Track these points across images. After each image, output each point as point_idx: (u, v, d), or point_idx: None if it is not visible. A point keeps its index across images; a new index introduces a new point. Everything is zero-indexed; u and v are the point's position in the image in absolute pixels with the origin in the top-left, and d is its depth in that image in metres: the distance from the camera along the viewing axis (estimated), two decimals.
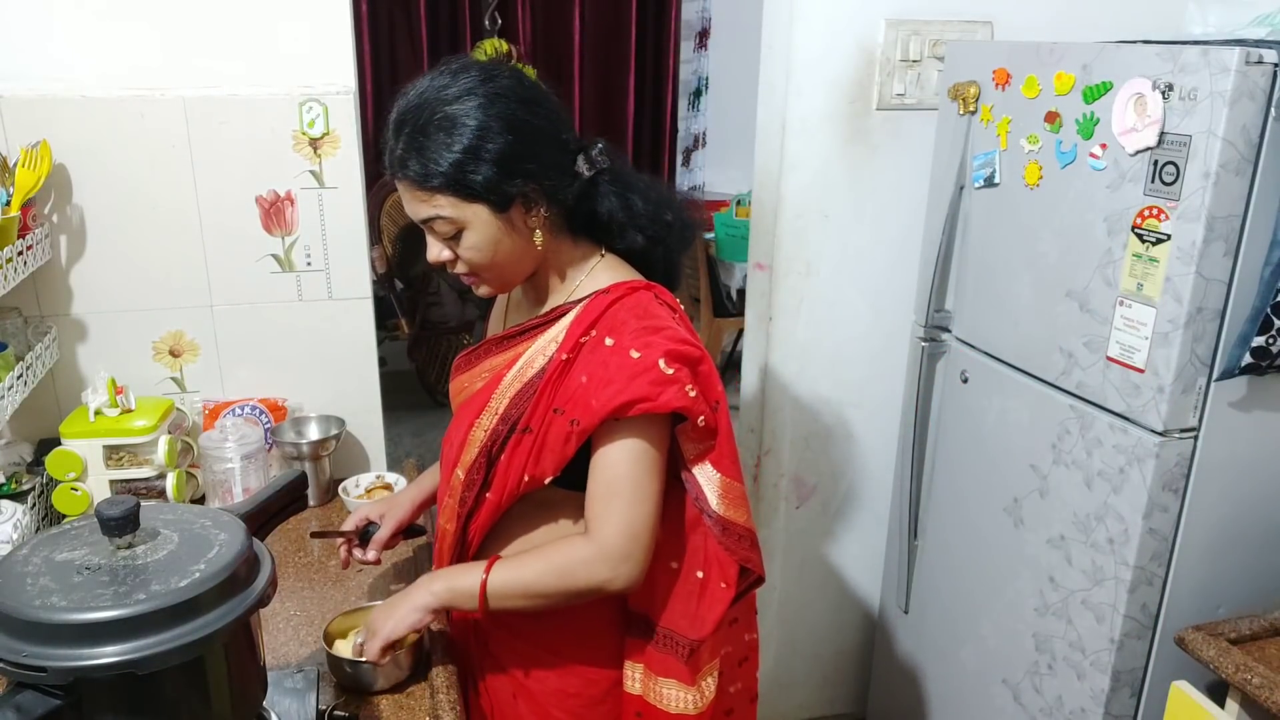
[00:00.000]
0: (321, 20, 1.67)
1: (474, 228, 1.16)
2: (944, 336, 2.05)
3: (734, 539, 1.25)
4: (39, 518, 1.54)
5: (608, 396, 1.14)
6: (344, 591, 1.47)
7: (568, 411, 1.18)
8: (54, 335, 1.64)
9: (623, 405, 1.14)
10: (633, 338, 1.17)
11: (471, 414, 1.26)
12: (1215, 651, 1.49)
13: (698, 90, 5.02)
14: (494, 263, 1.20)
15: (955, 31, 2.04)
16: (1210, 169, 1.40)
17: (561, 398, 1.19)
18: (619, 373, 1.15)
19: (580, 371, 1.19)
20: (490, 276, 1.23)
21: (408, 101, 1.20)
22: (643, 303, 1.22)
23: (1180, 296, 1.47)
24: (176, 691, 0.85)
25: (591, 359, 1.18)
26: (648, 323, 1.20)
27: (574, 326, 1.21)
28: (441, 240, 1.19)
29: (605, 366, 1.16)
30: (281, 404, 1.77)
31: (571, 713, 1.31)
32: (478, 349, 1.34)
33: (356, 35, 1.85)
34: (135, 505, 0.87)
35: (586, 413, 1.16)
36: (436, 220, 1.16)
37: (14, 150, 1.54)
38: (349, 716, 1.17)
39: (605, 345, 1.18)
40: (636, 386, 1.14)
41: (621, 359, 1.16)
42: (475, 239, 1.17)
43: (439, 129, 1.14)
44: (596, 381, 1.16)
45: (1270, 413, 1.57)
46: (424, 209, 1.16)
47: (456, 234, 1.17)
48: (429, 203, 1.15)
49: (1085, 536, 1.68)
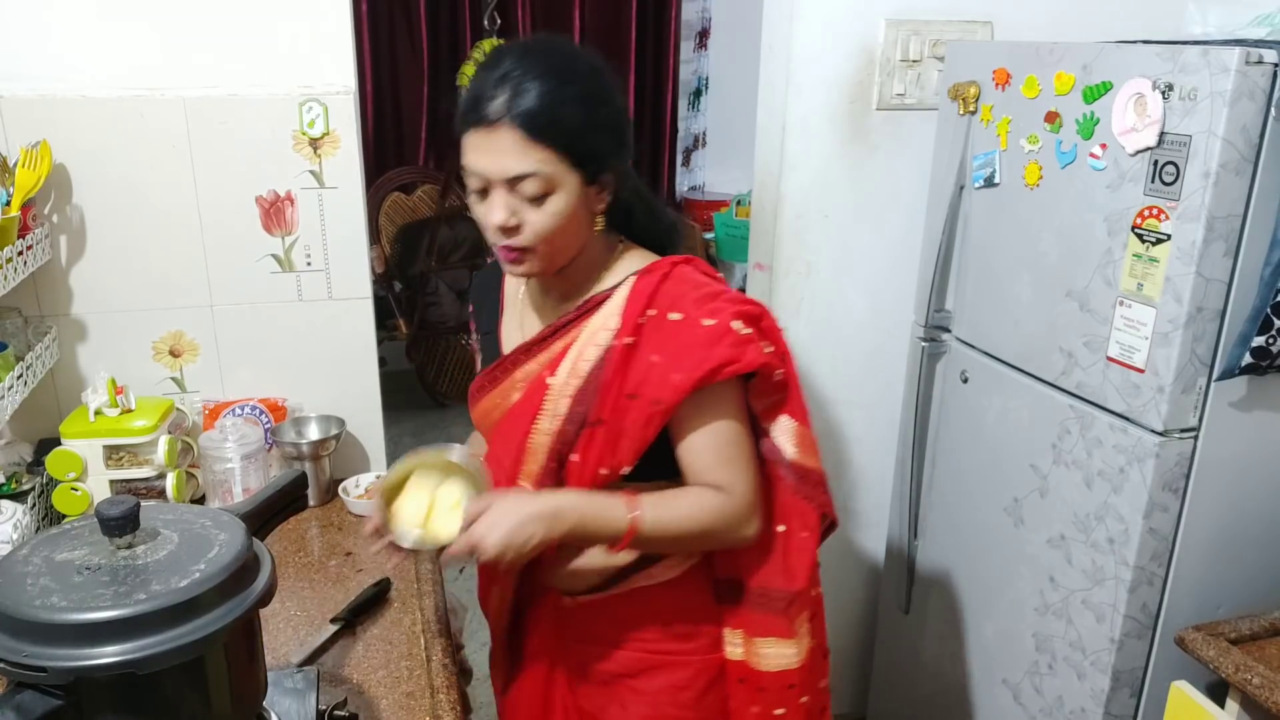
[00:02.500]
0: (321, 20, 1.67)
1: (562, 194, 1.12)
2: (944, 336, 2.05)
3: (811, 485, 1.28)
4: (39, 518, 1.54)
5: (691, 367, 1.15)
6: (344, 592, 1.47)
7: (645, 394, 1.17)
8: (54, 335, 1.64)
9: (710, 372, 1.15)
10: (697, 307, 1.18)
11: (523, 425, 1.23)
12: (1215, 651, 1.49)
13: (698, 90, 5.02)
14: (558, 236, 1.16)
15: (955, 31, 2.04)
16: (1210, 169, 1.40)
17: (633, 382, 1.18)
18: (697, 342, 1.16)
19: (648, 352, 1.18)
20: (545, 252, 1.17)
21: (524, 48, 1.14)
22: (689, 275, 1.23)
23: (1180, 296, 1.47)
24: (176, 691, 0.85)
25: (659, 337, 1.18)
26: (705, 290, 1.20)
27: (629, 309, 1.20)
28: (518, 201, 1.13)
29: (678, 340, 1.16)
30: (281, 404, 1.77)
31: (686, 706, 1.32)
32: (499, 365, 1.30)
33: (356, 35, 1.85)
34: (135, 505, 0.87)
35: (669, 389, 1.16)
36: (528, 178, 1.11)
37: (14, 150, 1.54)
38: (349, 716, 1.17)
39: (671, 321, 1.18)
40: (719, 352, 1.15)
41: (694, 329, 1.17)
42: (560, 206, 1.13)
43: (568, 82, 1.11)
44: (672, 357, 1.16)
45: (1270, 413, 1.57)
46: (518, 163, 1.10)
47: (540, 197, 1.12)
48: (527, 156, 1.10)
49: (1085, 536, 1.68)
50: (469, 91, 1.14)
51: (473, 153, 1.14)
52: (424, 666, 1.29)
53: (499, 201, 1.13)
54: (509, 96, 1.09)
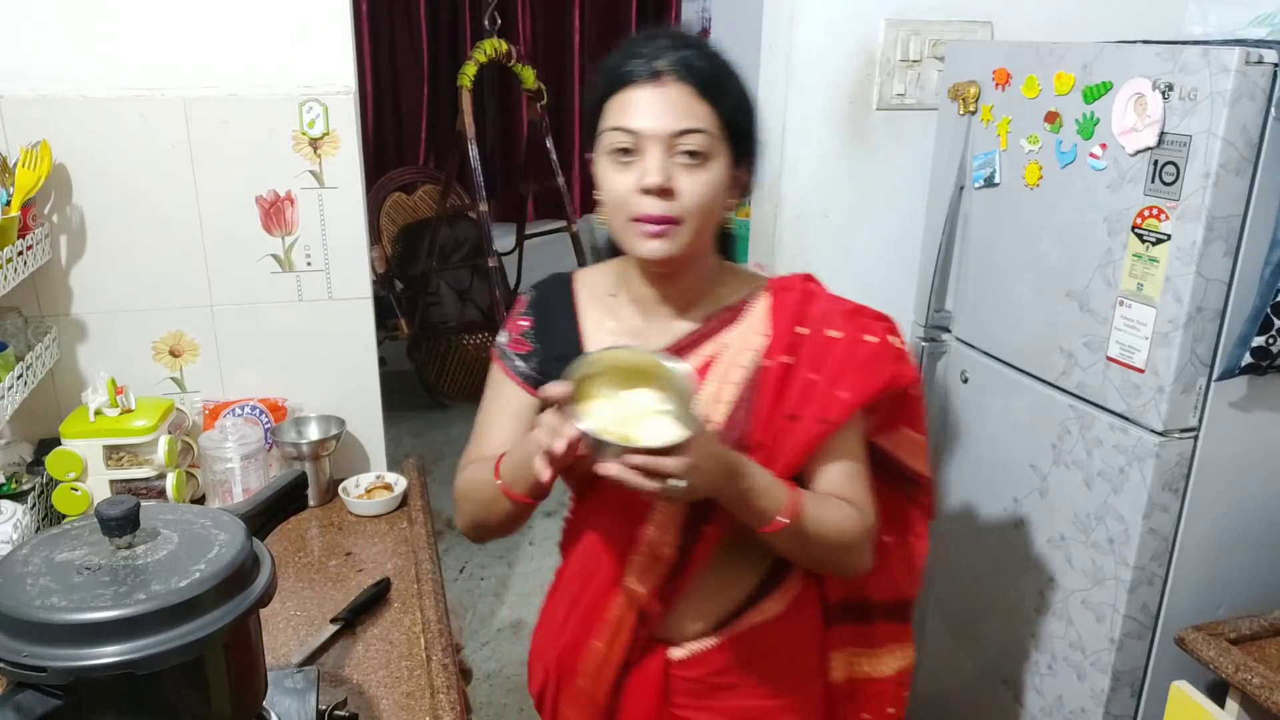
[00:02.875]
0: (321, 20, 1.67)
1: (717, 164, 1.09)
2: (944, 336, 2.05)
3: (924, 493, 1.28)
4: (39, 518, 1.54)
5: (858, 384, 1.14)
6: (344, 592, 1.47)
7: (807, 414, 1.13)
8: (54, 335, 1.64)
9: (879, 389, 1.15)
10: (851, 323, 1.17)
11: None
12: (1215, 651, 1.49)
13: None
14: (708, 213, 1.10)
15: (955, 31, 2.04)
16: (1210, 169, 1.40)
17: (792, 402, 1.14)
18: (862, 360, 1.15)
19: (806, 370, 1.14)
20: (693, 228, 1.09)
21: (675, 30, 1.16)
22: (825, 291, 1.23)
23: (1180, 296, 1.47)
24: (176, 691, 0.85)
25: (818, 355, 1.15)
26: (849, 306, 1.21)
27: (779, 325, 1.16)
28: (676, 163, 1.07)
29: (841, 358, 1.15)
30: (281, 404, 1.77)
31: None
32: None
33: (356, 35, 1.85)
34: (135, 505, 0.86)
35: (837, 408, 1.13)
36: (693, 134, 1.07)
37: (14, 150, 1.54)
38: (349, 716, 1.17)
39: (830, 338, 1.16)
40: (885, 369, 1.16)
41: (857, 346, 1.16)
42: (714, 175, 1.09)
43: (728, 62, 1.11)
44: (835, 374, 1.14)
45: (1270, 413, 1.57)
46: (683, 118, 1.06)
47: (699, 161, 1.08)
48: (693, 113, 1.07)
49: (1085, 536, 1.68)
50: (622, 54, 1.11)
51: (629, 109, 1.08)
52: (424, 666, 1.29)
53: (655, 161, 1.06)
54: (678, 56, 1.07)
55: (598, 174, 1.13)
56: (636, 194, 1.07)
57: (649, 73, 1.07)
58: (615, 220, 1.12)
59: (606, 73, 1.11)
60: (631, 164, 1.08)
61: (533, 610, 3.02)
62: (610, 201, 1.11)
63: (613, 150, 1.09)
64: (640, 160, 1.07)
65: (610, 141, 1.09)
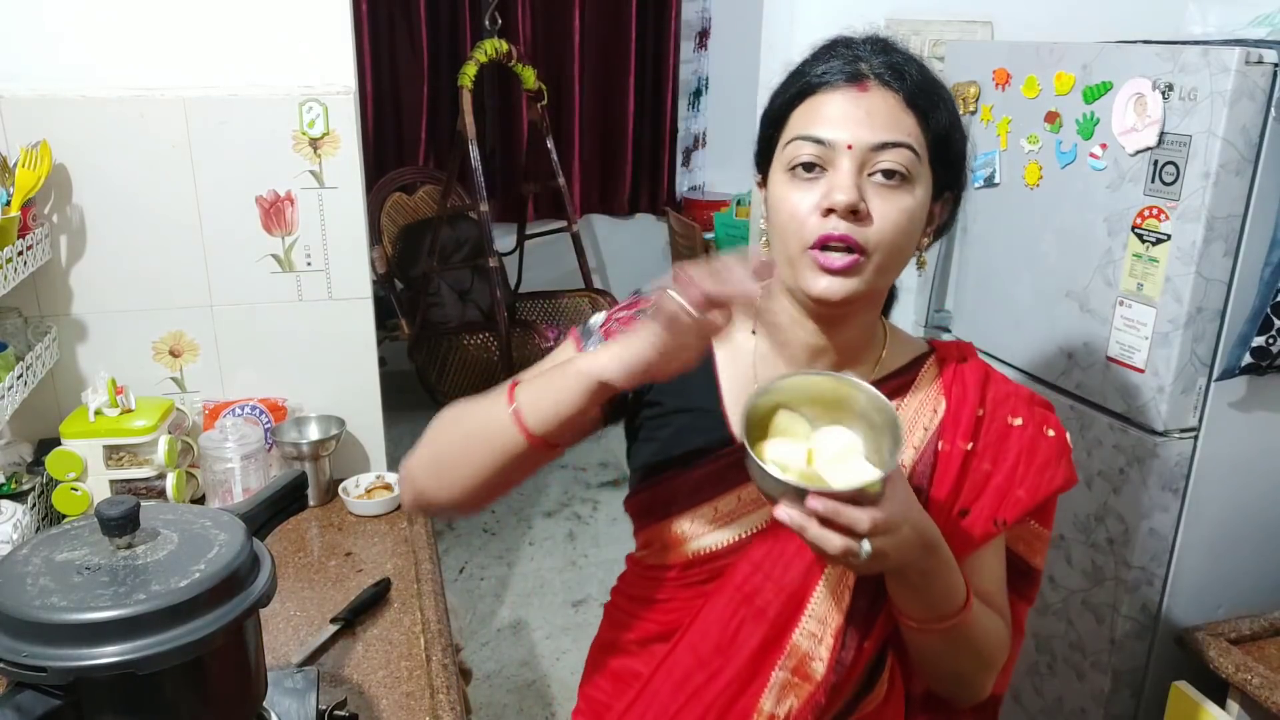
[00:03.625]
0: (321, 20, 1.67)
1: (918, 189, 0.92)
2: (944, 337, 2.05)
3: (1032, 584, 1.09)
4: (39, 518, 1.54)
5: (1037, 485, 0.99)
6: (344, 592, 1.47)
7: (980, 511, 0.98)
8: (54, 335, 1.64)
9: (1054, 493, 1.00)
10: (1030, 411, 1.02)
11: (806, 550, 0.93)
12: (1215, 651, 1.49)
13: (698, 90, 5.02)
14: (897, 249, 0.92)
15: (955, 31, 2.04)
16: (1210, 169, 1.40)
17: (967, 496, 0.99)
18: (1043, 458, 1.00)
19: (983, 460, 0.99)
20: (880, 265, 0.91)
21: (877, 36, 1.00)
22: (987, 364, 1.06)
23: (1180, 296, 1.47)
24: (176, 691, 0.85)
25: (996, 445, 1.00)
26: (1022, 390, 1.05)
27: (958, 405, 1.00)
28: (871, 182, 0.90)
29: (1024, 453, 1.00)
30: (281, 404, 1.77)
31: None
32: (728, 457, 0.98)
33: (356, 35, 1.85)
34: (135, 505, 0.86)
35: (1013, 508, 0.99)
36: (897, 148, 0.89)
37: (14, 150, 1.54)
38: (349, 716, 1.17)
39: (1012, 425, 1.01)
40: (1064, 469, 1.01)
41: (1040, 440, 1.01)
42: (914, 202, 0.91)
43: (934, 73, 0.95)
44: (1012, 469, 0.99)
45: (1270, 413, 1.57)
46: (887, 128, 0.90)
47: (898, 182, 0.90)
48: (899, 125, 0.90)
49: (1085, 537, 1.68)
50: (815, 55, 0.96)
51: (820, 116, 0.91)
52: (424, 666, 1.29)
53: (846, 176, 0.89)
54: (886, 60, 0.93)
55: (771, 197, 0.95)
56: (817, 214, 0.90)
57: (849, 75, 0.92)
58: (787, 248, 0.93)
59: (794, 77, 0.96)
60: (815, 181, 0.91)
61: (533, 610, 3.03)
62: (783, 225, 0.93)
63: (794, 165, 0.92)
64: (827, 177, 0.90)
65: (792, 154, 0.92)
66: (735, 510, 0.99)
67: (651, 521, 1.03)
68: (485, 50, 3.75)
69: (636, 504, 1.06)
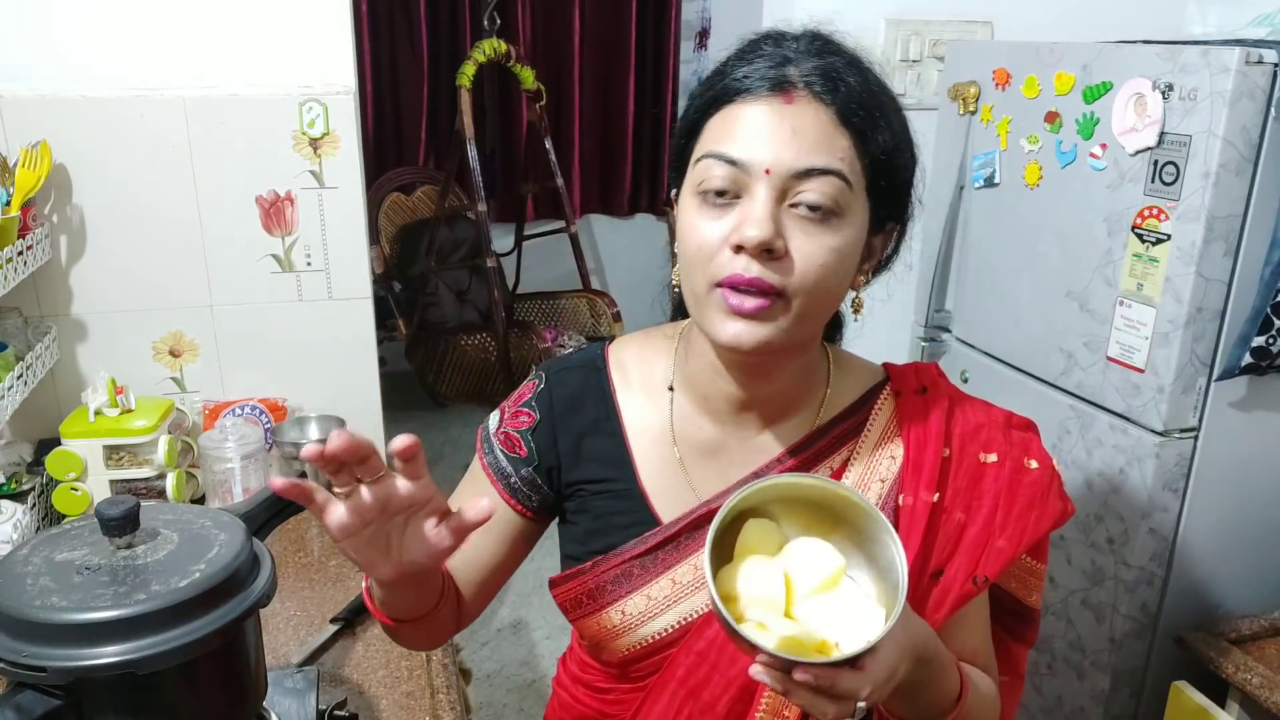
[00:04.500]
0: (321, 20, 1.67)
1: (850, 223, 0.78)
2: (944, 336, 2.05)
3: (1030, 625, 0.98)
4: (39, 518, 1.54)
5: (1020, 532, 0.86)
6: (344, 592, 1.47)
7: (956, 571, 0.86)
8: (54, 335, 1.64)
9: (1045, 533, 0.87)
10: (1008, 440, 0.89)
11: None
12: (1215, 651, 1.49)
13: None
14: (822, 294, 0.79)
15: (955, 31, 2.04)
16: (1210, 169, 1.40)
17: (939, 555, 0.86)
18: (1026, 499, 0.87)
19: (954, 510, 0.86)
20: (801, 311, 0.78)
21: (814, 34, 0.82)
22: (958, 390, 0.92)
23: (1180, 296, 1.47)
24: (176, 691, 0.85)
25: (969, 488, 0.87)
26: (995, 414, 0.91)
27: (919, 449, 0.87)
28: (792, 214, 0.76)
29: (1001, 495, 0.87)
30: (281, 404, 1.77)
31: None
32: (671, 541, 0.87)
33: (356, 35, 1.85)
34: (135, 505, 0.86)
35: (993, 563, 0.86)
36: (824, 176, 0.75)
37: (14, 150, 1.54)
38: (349, 716, 1.17)
39: (985, 463, 0.87)
40: (1053, 507, 0.88)
41: (1019, 477, 0.88)
42: (844, 239, 0.78)
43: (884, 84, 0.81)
44: (993, 517, 0.86)
45: (1270, 413, 1.57)
46: (813, 151, 0.75)
47: (824, 216, 0.76)
48: (829, 146, 0.76)
49: (1085, 537, 1.68)
50: (739, 53, 0.81)
51: (735, 131, 0.77)
52: (424, 666, 1.29)
53: (761, 207, 0.75)
54: (820, 64, 0.77)
55: (679, 221, 0.82)
56: (727, 249, 0.77)
57: (774, 82, 0.76)
58: (693, 283, 0.80)
59: (714, 76, 0.81)
60: (727, 209, 0.77)
61: (533, 610, 3.03)
62: (689, 258, 0.79)
63: (703, 188, 0.78)
64: (740, 205, 0.77)
65: (702, 175, 0.78)
66: (670, 595, 0.87)
67: (582, 615, 0.92)
68: (484, 50, 3.75)
69: (563, 595, 0.93)
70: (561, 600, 0.94)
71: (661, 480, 0.90)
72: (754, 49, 0.80)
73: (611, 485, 0.91)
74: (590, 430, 0.92)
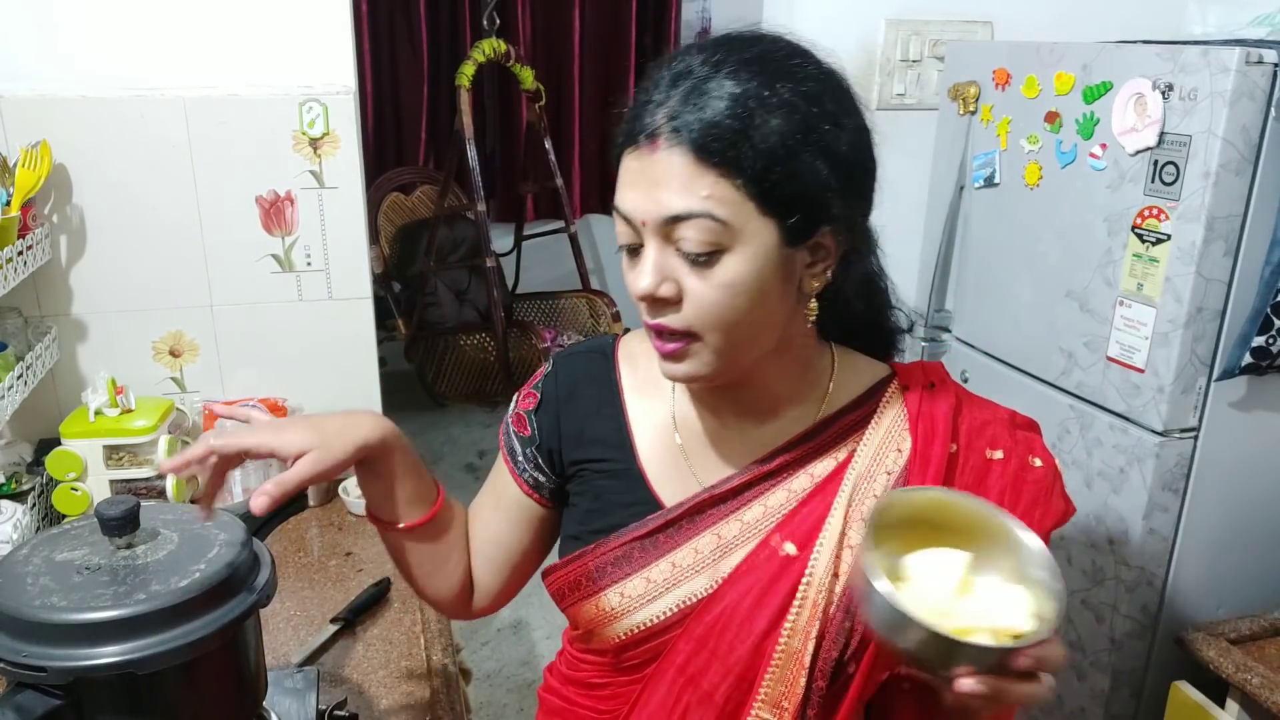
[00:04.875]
0: (321, 20, 1.67)
1: (743, 253, 0.75)
2: (944, 336, 2.05)
3: None
4: (39, 518, 1.54)
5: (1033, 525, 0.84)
6: (344, 592, 1.47)
7: None
8: (54, 335, 1.64)
9: (1049, 530, 0.88)
10: (1013, 439, 0.91)
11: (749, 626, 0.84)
12: (1215, 651, 1.49)
13: None
14: (739, 323, 0.78)
15: (955, 31, 2.04)
16: (1210, 169, 1.40)
17: None
18: (1031, 495, 0.88)
19: None
20: (719, 345, 0.79)
21: (718, 41, 0.79)
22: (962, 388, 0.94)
23: (1180, 296, 1.47)
24: (176, 691, 0.85)
25: (975, 484, 0.88)
26: (1000, 413, 0.93)
27: (926, 444, 0.87)
28: (677, 261, 0.76)
29: (1007, 491, 0.88)
30: (281, 404, 1.77)
31: None
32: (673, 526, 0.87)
33: (356, 35, 1.86)
34: (135, 505, 0.86)
35: None
36: (689, 221, 0.74)
37: (14, 150, 1.54)
38: (349, 716, 1.17)
39: (992, 459, 0.89)
40: (1056, 504, 0.90)
41: (1024, 474, 0.89)
42: (739, 272, 0.76)
43: (775, 83, 0.75)
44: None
45: (1270, 413, 1.57)
46: (677, 197, 0.74)
47: (708, 256, 0.75)
48: (692, 187, 0.74)
49: (1085, 536, 1.68)
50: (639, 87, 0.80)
51: (624, 181, 0.79)
52: (424, 666, 1.29)
53: (649, 260, 0.77)
54: (680, 101, 0.75)
55: None
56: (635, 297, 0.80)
57: (638, 135, 0.76)
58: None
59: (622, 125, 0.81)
60: (635, 257, 0.79)
61: (533, 610, 3.03)
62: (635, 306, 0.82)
63: (618, 241, 0.81)
64: (640, 254, 0.79)
65: (617, 226, 0.81)
66: (670, 578, 0.87)
67: (579, 599, 0.91)
68: (484, 50, 3.75)
69: (562, 579, 0.92)
70: (560, 584, 0.92)
71: (662, 465, 0.91)
72: (641, 91, 0.79)
73: (612, 465, 0.92)
74: (593, 412, 0.94)
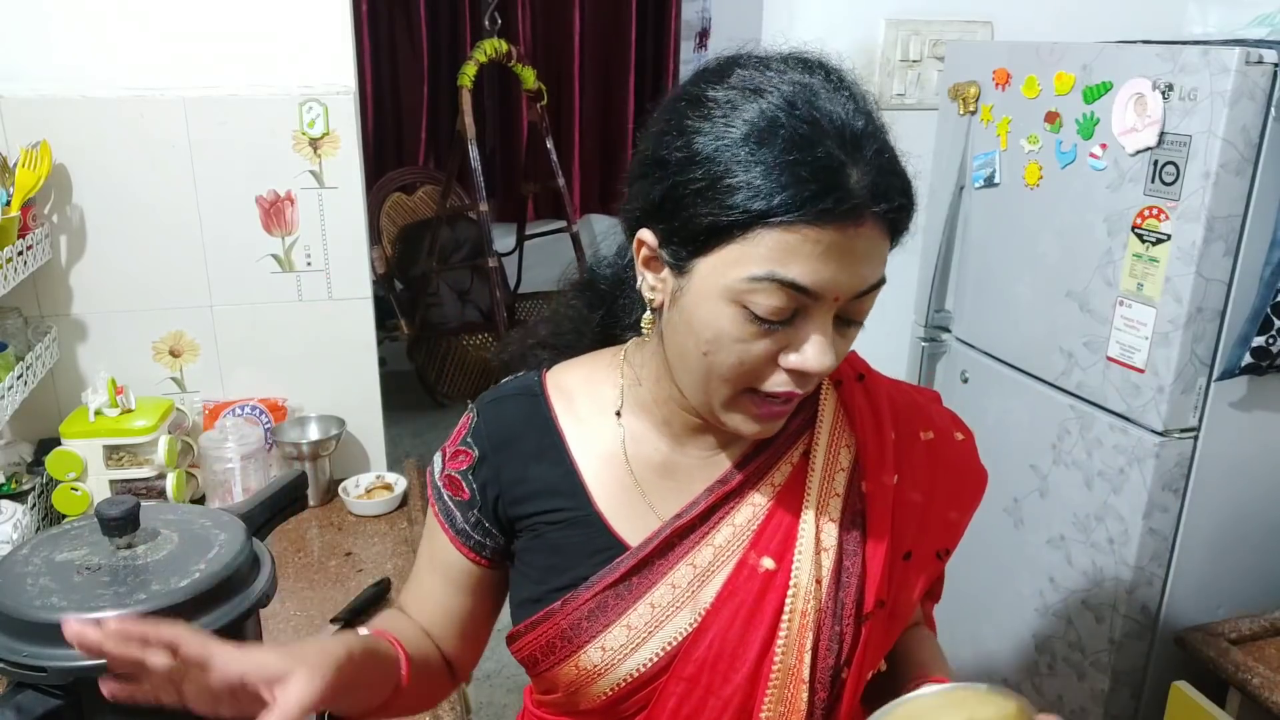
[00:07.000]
0: (321, 20, 1.67)
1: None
2: (944, 336, 2.05)
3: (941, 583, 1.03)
4: (39, 518, 1.54)
5: (967, 500, 0.90)
6: (344, 592, 1.47)
7: (922, 548, 0.87)
8: (54, 335, 1.64)
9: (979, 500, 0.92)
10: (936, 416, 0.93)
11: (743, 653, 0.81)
12: (1215, 652, 1.49)
13: None
14: None
15: (955, 31, 2.04)
16: (1210, 169, 1.40)
17: (907, 536, 0.86)
18: (960, 468, 0.91)
19: (911, 490, 0.87)
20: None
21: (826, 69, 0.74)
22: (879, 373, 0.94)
23: (1180, 296, 1.47)
24: None
25: (914, 467, 0.87)
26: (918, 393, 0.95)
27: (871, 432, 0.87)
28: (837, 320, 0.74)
29: (941, 468, 0.89)
30: (281, 404, 1.77)
31: None
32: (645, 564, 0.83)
33: (356, 35, 1.86)
34: (135, 505, 0.86)
35: (950, 535, 0.90)
36: (876, 289, 0.74)
37: (14, 150, 1.54)
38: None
39: (925, 442, 0.89)
40: (977, 468, 0.93)
41: (951, 448, 0.91)
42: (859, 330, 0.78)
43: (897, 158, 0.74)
44: (935, 489, 0.88)
45: (1270, 413, 1.57)
46: (877, 269, 0.73)
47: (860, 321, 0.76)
48: (881, 258, 0.73)
49: (1085, 537, 1.68)
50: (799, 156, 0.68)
51: (808, 257, 0.69)
52: None
53: (828, 334, 0.72)
54: (877, 173, 0.70)
55: (700, 314, 0.73)
56: (771, 365, 0.74)
57: (847, 211, 0.68)
58: (712, 384, 0.76)
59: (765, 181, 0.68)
60: (780, 328, 0.72)
61: None
62: (721, 367, 0.74)
63: (755, 309, 0.70)
64: (795, 325, 0.72)
65: (754, 293, 0.70)
66: (651, 621, 0.82)
67: (555, 662, 0.84)
68: (485, 50, 3.75)
69: (530, 645, 0.85)
70: (529, 651, 0.85)
71: (618, 503, 0.85)
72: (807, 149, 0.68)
73: (566, 514, 0.85)
74: (534, 459, 0.86)
